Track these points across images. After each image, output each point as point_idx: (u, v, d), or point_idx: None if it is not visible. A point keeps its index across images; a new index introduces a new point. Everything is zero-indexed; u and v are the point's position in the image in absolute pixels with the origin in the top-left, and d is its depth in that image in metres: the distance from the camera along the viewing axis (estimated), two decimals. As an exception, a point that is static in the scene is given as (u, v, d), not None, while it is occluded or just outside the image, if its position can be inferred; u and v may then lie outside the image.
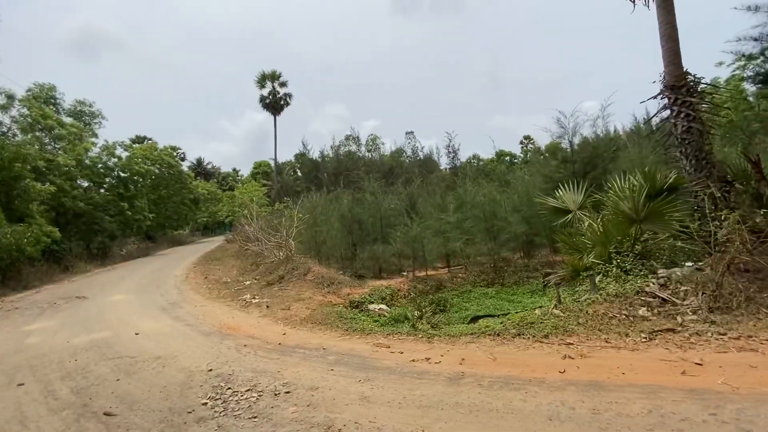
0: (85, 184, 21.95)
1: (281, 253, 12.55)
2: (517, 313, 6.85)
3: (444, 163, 32.48)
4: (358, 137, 32.97)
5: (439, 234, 12.60)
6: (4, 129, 18.64)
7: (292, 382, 4.29)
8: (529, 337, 5.14)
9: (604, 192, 8.03)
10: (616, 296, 5.52)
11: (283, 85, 40.21)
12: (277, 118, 40.85)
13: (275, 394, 4.00)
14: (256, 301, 9.08)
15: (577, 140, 13.48)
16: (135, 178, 24.50)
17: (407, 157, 32.85)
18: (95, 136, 23.72)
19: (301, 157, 35.79)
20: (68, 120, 21.99)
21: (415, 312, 8.01)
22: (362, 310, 8.70)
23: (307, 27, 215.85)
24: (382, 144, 34.40)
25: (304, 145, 34.94)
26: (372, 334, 6.32)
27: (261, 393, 4.04)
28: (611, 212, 7.16)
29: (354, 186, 20.28)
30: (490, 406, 3.46)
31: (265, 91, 39.71)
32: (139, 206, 24.26)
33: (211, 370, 4.83)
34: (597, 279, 6.26)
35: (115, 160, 23.79)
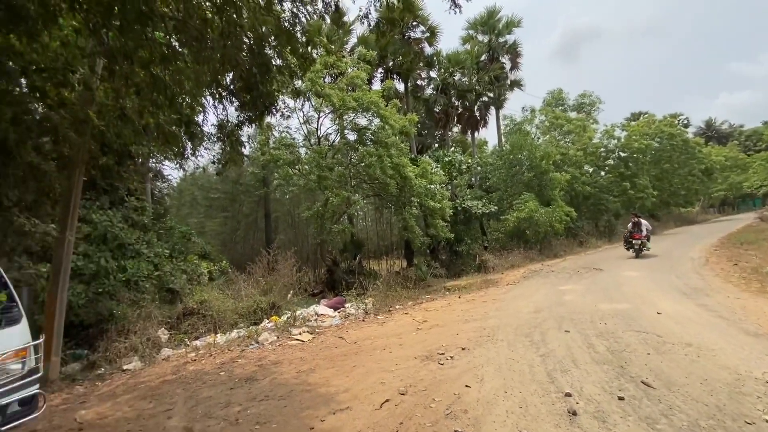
0: (590, 169, 24.54)
1: None
2: None
3: None
4: None
5: None
6: (532, 136, 24.69)
7: None
8: None
9: None
10: None
11: None
12: None
13: None
14: (841, 306, 6.02)
15: None
16: (634, 155, 24.37)
17: None
18: (596, 122, 25.82)
19: None
20: (573, 114, 25.48)
21: None
22: None
23: None
24: None
25: None
26: None
27: None
28: None
29: None
30: None
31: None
32: (641, 184, 23.81)
33: (770, 382, 3.69)
34: None
35: (615, 141, 24.87)
